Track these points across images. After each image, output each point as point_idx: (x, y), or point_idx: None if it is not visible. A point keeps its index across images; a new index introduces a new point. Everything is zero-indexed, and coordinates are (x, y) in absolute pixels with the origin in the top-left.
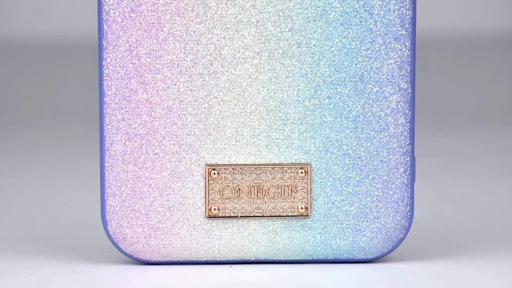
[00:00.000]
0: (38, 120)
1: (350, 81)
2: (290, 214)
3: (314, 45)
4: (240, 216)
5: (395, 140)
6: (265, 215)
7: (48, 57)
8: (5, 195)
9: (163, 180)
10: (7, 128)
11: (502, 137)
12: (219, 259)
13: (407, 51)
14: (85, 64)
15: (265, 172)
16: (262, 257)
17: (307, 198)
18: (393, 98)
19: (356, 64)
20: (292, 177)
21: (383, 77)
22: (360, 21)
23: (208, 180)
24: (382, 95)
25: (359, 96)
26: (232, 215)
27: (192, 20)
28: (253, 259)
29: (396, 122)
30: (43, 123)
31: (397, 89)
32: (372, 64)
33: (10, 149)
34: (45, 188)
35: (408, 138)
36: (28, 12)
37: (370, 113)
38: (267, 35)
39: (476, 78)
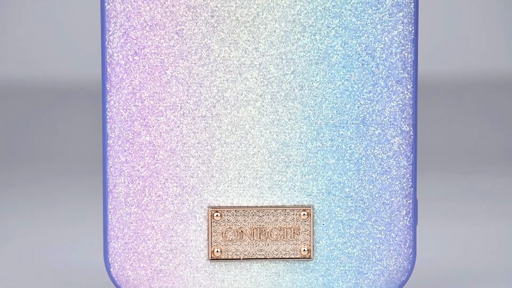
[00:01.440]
0: (42, 162)
1: (353, 123)
2: (292, 256)
3: (317, 87)
4: (242, 258)
5: (397, 183)
6: (268, 257)
7: (52, 99)
8: (7, 237)
9: (166, 222)
10: (10, 170)
11: (505, 179)
12: None
13: (409, 93)
14: (88, 106)
15: (268, 214)
16: None
17: (310, 240)
18: (395, 140)
19: (358, 107)
20: (295, 219)
21: (385, 119)
22: (362, 64)
23: (211, 222)
24: (384, 137)
25: (361, 138)
26: (234, 257)
27: (195, 63)
28: None
29: (398, 165)
30: (47, 165)
31: (399, 132)
32: (374, 107)
33: (13, 190)
34: (48, 230)
35: (410, 180)
36: (31, 55)
37: (372, 155)
38: (270, 77)
39: (477, 120)
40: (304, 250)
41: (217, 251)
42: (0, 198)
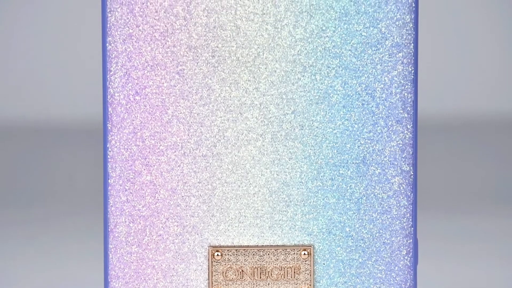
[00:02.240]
0: (42, 202)
1: (353, 163)
2: None
3: (317, 127)
4: None
5: (397, 222)
6: None
7: (53, 139)
8: (7, 278)
9: (167, 261)
10: (10, 210)
11: (507, 220)
12: None
13: (409, 133)
14: (89, 146)
15: (268, 254)
16: None
17: (310, 280)
18: (396, 180)
19: (359, 146)
20: (295, 258)
21: (385, 159)
22: (362, 104)
23: (212, 262)
24: (384, 177)
25: (361, 178)
26: None
27: (196, 103)
28: None
29: (398, 204)
30: (47, 204)
31: (399, 171)
32: (374, 146)
33: (12, 229)
34: (48, 269)
35: (410, 220)
36: (32, 94)
37: (372, 195)
38: (270, 117)
39: (478, 160)
40: None
41: None
42: (0, 239)
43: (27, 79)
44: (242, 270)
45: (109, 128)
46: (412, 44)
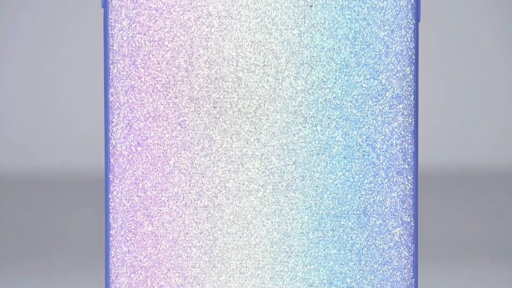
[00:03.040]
0: (43, 253)
1: (354, 214)
2: None
3: (318, 178)
4: None
5: (398, 273)
6: None
7: (54, 190)
8: None
9: None
10: (10, 262)
11: (508, 273)
12: None
13: (409, 184)
14: (91, 197)
15: None
16: None
17: None
18: (396, 231)
19: (359, 197)
20: None
21: (386, 210)
22: (363, 155)
23: None
24: (385, 228)
25: (362, 229)
26: None
27: (197, 154)
28: None
29: (399, 255)
30: (48, 256)
31: (400, 222)
32: (375, 197)
33: (13, 283)
34: None
35: (411, 271)
36: (33, 146)
37: (373, 246)
38: (271, 168)
39: (479, 212)
40: None
41: None
42: None
43: (28, 129)
44: None
45: (111, 179)
46: (413, 96)
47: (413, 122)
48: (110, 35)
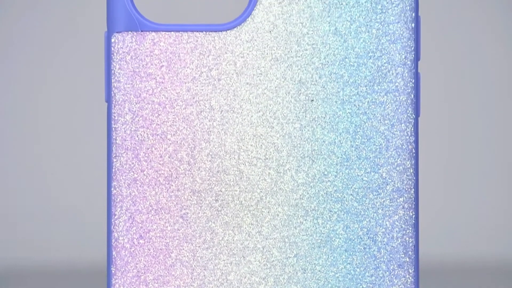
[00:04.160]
0: None
1: None
2: None
3: (319, 271)
4: None
5: None
6: None
7: (56, 283)
8: None
9: None
10: None
11: None
12: None
13: (410, 277)
14: None
15: None
16: None
17: None
18: None
19: None
20: None
21: None
22: (364, 248)
23: None
24: None
25: None
26: None
27: (199, 246)
28: None
29: None
30: None
31: None
32: None
33: None
34: None
35: None
36: (35, 237)
37: None
38: (273, 260)
39: None
40: None
41: None
42: None
43: (29, 222)
44: None
45: (113, 271)
46: (413, 189)
47: (414, 216)
48: (113, 129)
